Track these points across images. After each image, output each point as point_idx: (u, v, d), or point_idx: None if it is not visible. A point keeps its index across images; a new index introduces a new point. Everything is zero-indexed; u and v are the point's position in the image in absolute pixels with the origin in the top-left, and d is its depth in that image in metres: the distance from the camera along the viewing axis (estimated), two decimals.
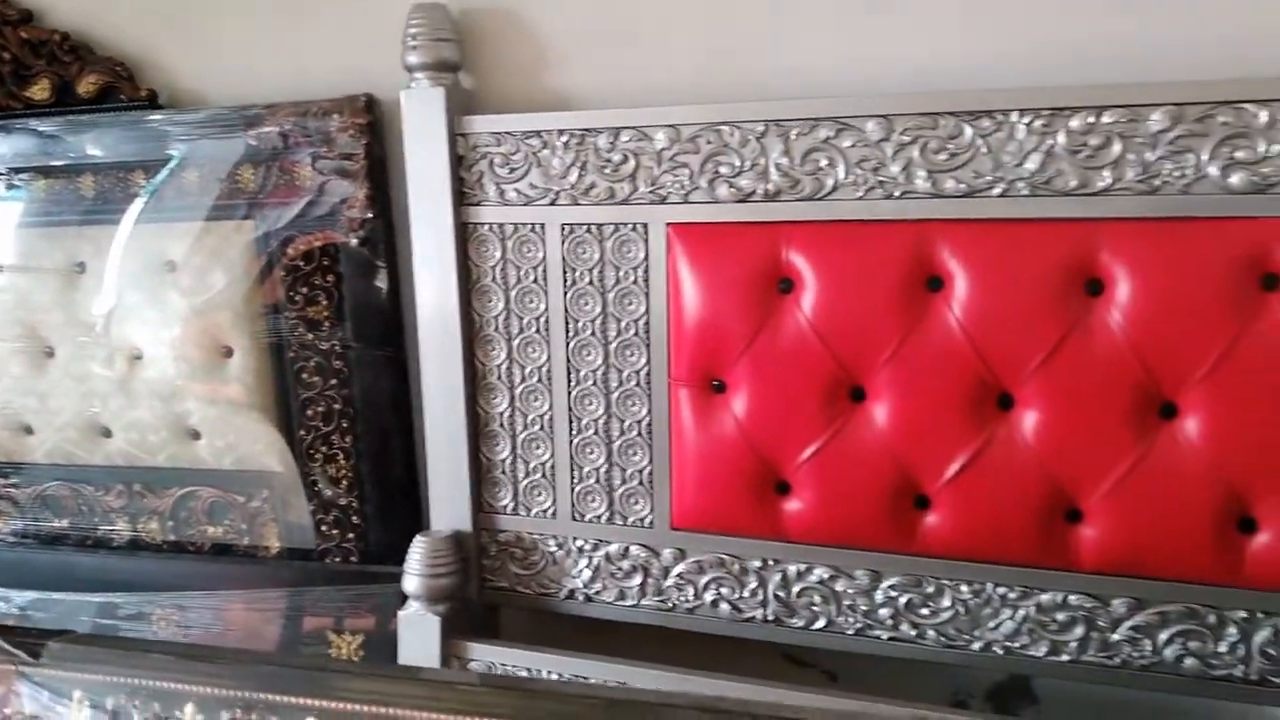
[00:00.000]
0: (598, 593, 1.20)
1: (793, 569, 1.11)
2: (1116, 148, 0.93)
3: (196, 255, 1.30)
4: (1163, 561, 0.98)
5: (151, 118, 1.30)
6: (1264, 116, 0.88)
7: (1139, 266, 0.93)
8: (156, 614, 1.43)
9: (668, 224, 1.08)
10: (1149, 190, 0.93)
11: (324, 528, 1.34)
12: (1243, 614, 0.97)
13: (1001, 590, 1.04)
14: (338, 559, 1.35)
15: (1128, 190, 0.93)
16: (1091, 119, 0.93)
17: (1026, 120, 0.95)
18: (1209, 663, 0.99)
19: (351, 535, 1.34)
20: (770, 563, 1.12)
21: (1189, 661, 0.99)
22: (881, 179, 1.00)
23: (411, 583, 1.20)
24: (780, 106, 1.02)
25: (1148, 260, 0.93)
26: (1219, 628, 0.98)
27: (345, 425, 1.29)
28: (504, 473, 1.21)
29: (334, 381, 1.28)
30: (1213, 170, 0.91)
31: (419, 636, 1.20)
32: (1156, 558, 0.98)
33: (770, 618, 1.13)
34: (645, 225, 1.09)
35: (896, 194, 1.00)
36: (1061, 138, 0.94)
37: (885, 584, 1.08)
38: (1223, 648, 0.98)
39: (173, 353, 1.34)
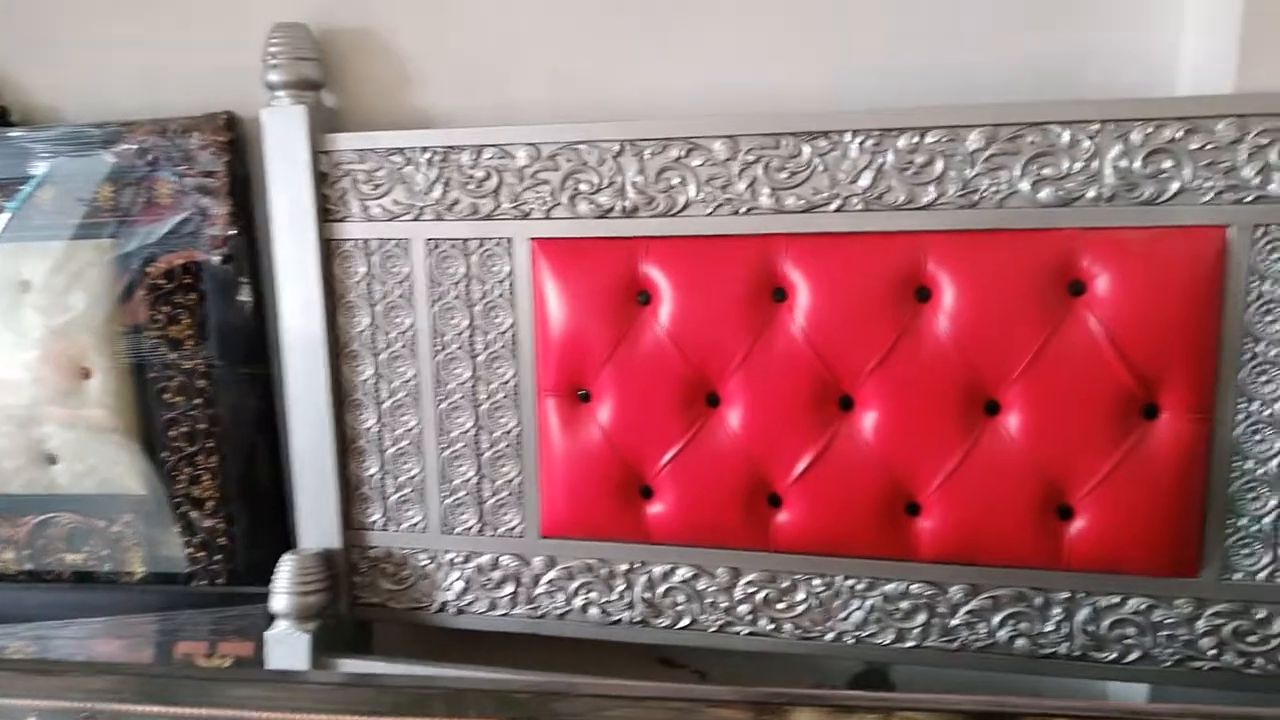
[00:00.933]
0: (470, 604, 1.22)
1: (658, 570, 1.15)
2: (939, 165, 1.00)
3: (56, 275, 1.27)
4: (993, 549, 1.05)
5: (10, 135, 1.27)
6: (1067, 136, 0.97)
7: (962, 275, 1.01)
8: (13, 646, 1.37)
9: (531, 239, 1.12)
10: (969, 204, 1.01)
11: (191, 550, 1.32)
12: (1065, 595, 1.05)
13: (850, 582, 1.10)
14: (206, 582, 1.32)
15: (950, 204, 1.01)
16: (916, 139, 1.01)
17: (859, 140, 1.02)
18: (1038, 642, 1.07)
19: (219, 557, 1.32)
20: (637, 565, 1.16)
21: (1020, 642, 1.07)
22: (729, 196, 1.06)
23: (279, 601, 1.19)
24: (634, 127, 1.07)
25: (969, 269, 1.01)
26: (1045, 609, 1.06)
27: (210, 445, 1.28)
28: (373, 489, 1.22)
29: (198, 401, 1.27)
30: (1024, 185, 0.99)
31: (288, 655, 1.19)
32: (987, 545, 1.05)
33: (638, 619, 1.17)
34: (509, 240, 1.12)
35: (743, 210, 1.06)
36: (890, 156, 1.01)
37: (744, 580, 1.13)
38: (1049, 627, 1.06)
39: (29, 375, 1.31)
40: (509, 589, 1.20)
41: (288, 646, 1.19)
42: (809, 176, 1.04)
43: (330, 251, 1.17)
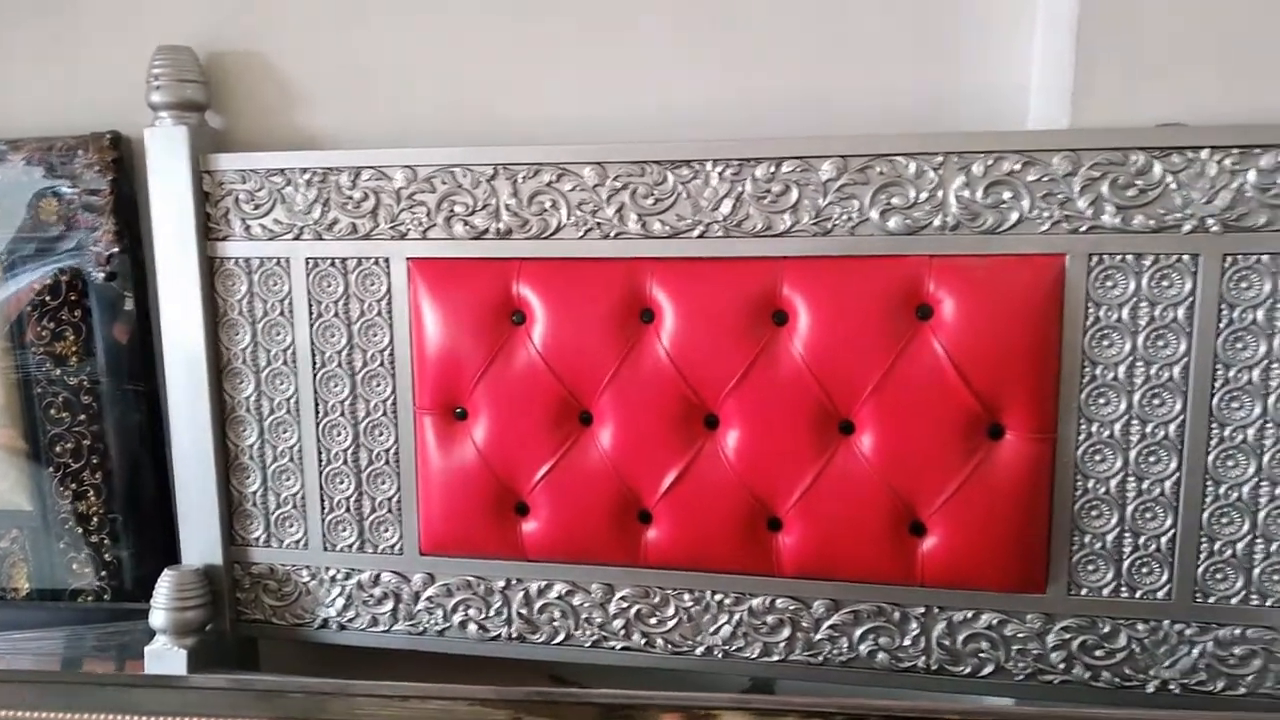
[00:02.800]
0: (351, 620, 1.23)
1: (534, 586, 1.17)
2: (795, 194, 1.04)
3: None
4: (851, 564, 1.08)
5: None
6: (913, 167, 1.01)
7: (816, 299, 1.04)
8: None
9: (408, 259, 1.14)
10: (823, 232, 1.04)
11: (76, 566, 1.32)
12: (921, 610, 1.08)
13: (718, 597, 1.13)
14: (92, 598, 1.32)
15: (805, 231, 1.05)
16: (773, 168, 1.04)
17: (719, 169, 1.05)
18: (897, 656, 1.10)
19: (105, 573, 1.32)
20: (513, 582, 1.17)
21: (881, 656, 1.10)
22: (599, 220, 1.09)
23: (158, 617, 1.20)
24: (507, 151, 1.10)
25: (823, 293, 1.04)
26: (903, 624, 1.09)
27: (96, 461, 1.28)
28: (255, 505, 1.23)
29: (83, 417, 1.27)
30: (874, 214, 1.03)
31: (166, 671, 1.19)
32: (846, 561, 1.08)
33: (515, 635, 1.19)
34: (387, 260, 1.14)
35: (612, 234, 1.09)
36: (749, 185, 1.05)
37: (617, 596, 1.15)
38: (907, 642, 1.09)
39: None
40: (389, 605, 1.21)
41: (165, 662, 1.19)
42: (674, 203, 1.07)
43: (213, 269, 1.19)
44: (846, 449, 1.06)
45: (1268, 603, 1.02)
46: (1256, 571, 1.01)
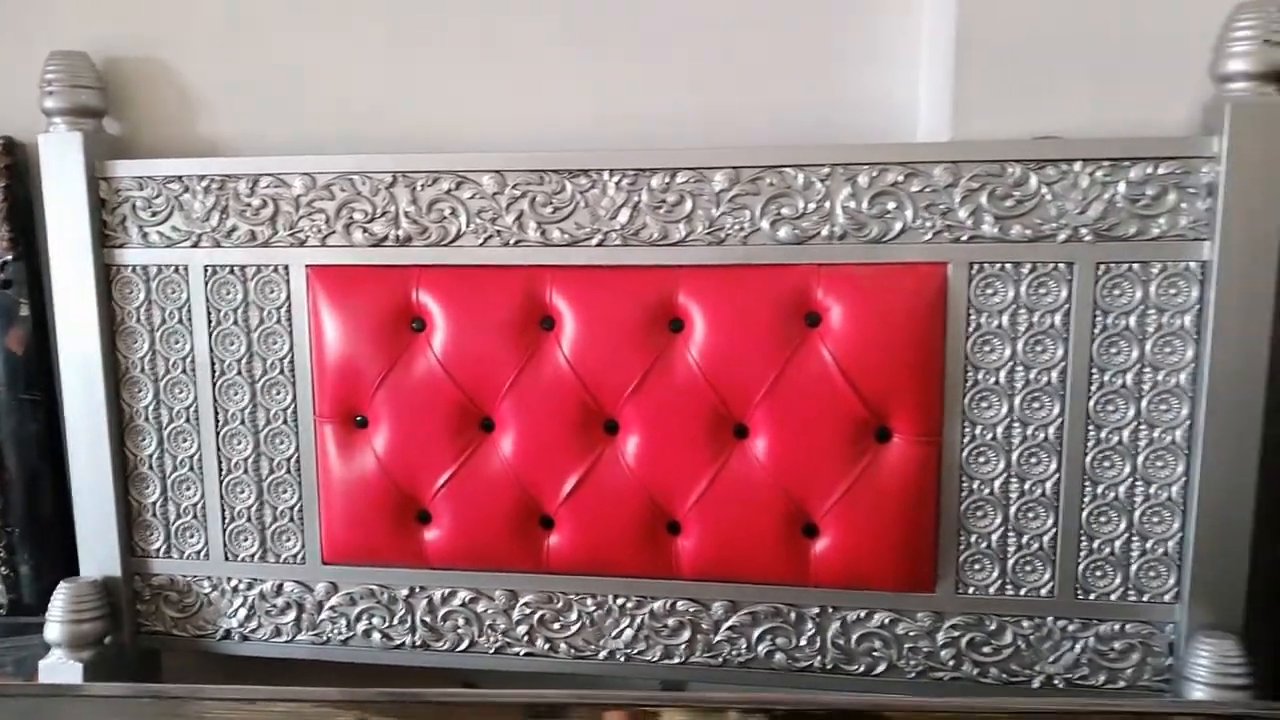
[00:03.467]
0: (254, 631, 1.22)
1: (438, 594, 1.17)
2: (689, 204, 1.06)
3: None
4: (748, 566, 1.10)
5: None
6: (801, 179, 1.04)
7: (710, 307, 1.06)
8: None
9: (307, 266, 1.14)
10: (716, 241, 1.06)
11: None
12: (816, 610, 1.11)
13: (620, 601, 1.14)
14: None
15: (699, 241, 1.07)
16: (668, 179, 1.06)
17: (616, 179, 1.07)
18: (794, 656, 1.12)
19: (3, 587, 1.29)
20: (417, 590, 1.17)
21: (778, 656, 1.12)
22: (499, 228, 1.10)
23: (53, 630, 1.17)
24: (406, 159, 1.10)
25: (716, 301, 1.06)
26: (799, 624, 1.11)
27: None
28: (155, 515, 1.21)
29: None
30: (765, 224, 1.05)
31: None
32: (742, 563, 1.10)
33: (419, 643, 1.18)
34: (286, 267, 1.14)
35: (512, 242, 1.10)
36: (645, 195, 1.07)
37: (521, 602, 1.16)
38: (803, 642, 1.11)
39: None
40: (292, 615, 1.20)
41: (60, 676, 1.17)
42: (572, 212, 1.08)
43: (109, 277, 1.17)
44: (741, 453, 1.08)
45: (1145, 598, 1.05)
46: (1134, 568, 1.05)
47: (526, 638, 1.16)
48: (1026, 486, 1.05)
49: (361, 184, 1.11)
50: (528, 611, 1.16)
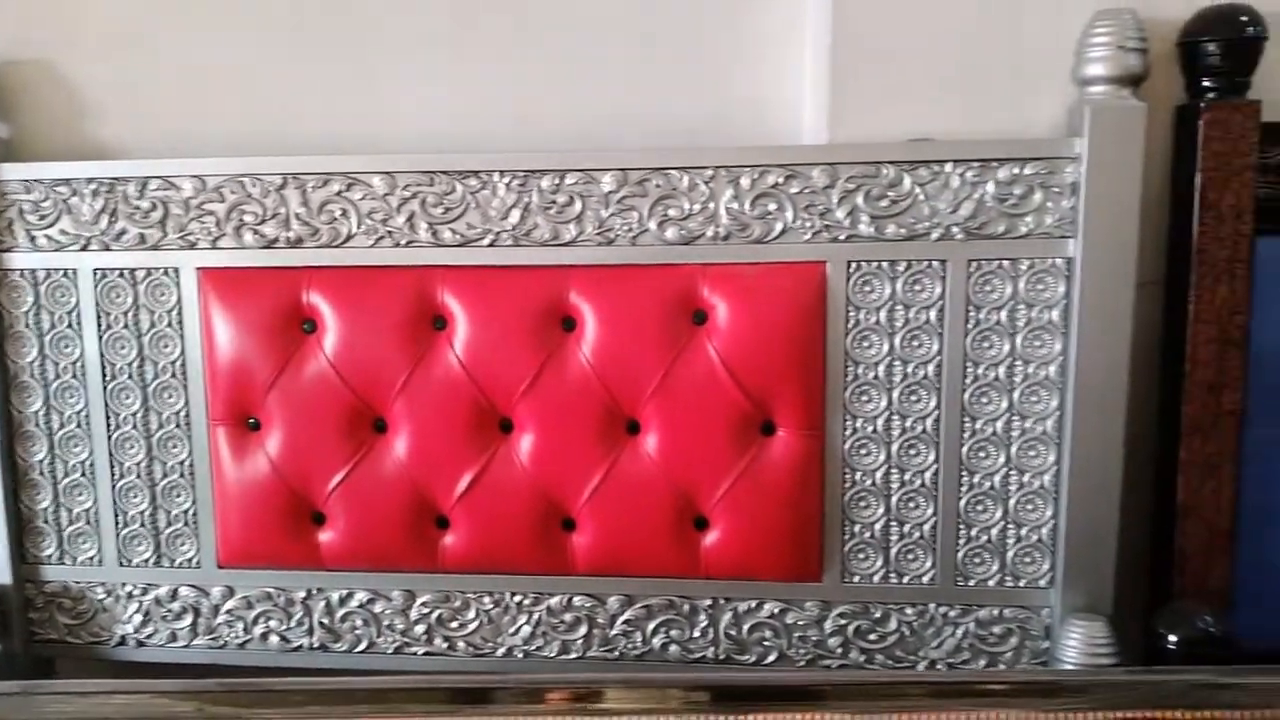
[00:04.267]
0: (150, 636, 1.21)
1: (335, 596, 1.17)
2: (579, 205, 1.08)
3: None
4: (641, 560, 1.12)
5: None
6: (686, 181, 1.06)
7: (601, 306, 1.08)
8: None
9: (198, 268, 1.13)
10: (606, 241, 1.08)
11: None
12: (708, 602, 1.13)
13: (517, 598, 1.15)
14: None
15: (590, 241, 1.08)
16: (558, 180, 1.08)
17: (506, 180, 1.08)
18: (688, 648, 1.14)
19: None
20: (314, 592, 1.17)
21: (673, 648, 1.14)
22: (390, 229, 1.11)
23: None
24: (296, 161, 1.11)
25: (607, 300, 1.08)
26: (692, 616, 1.13)
27: None
28: (46, 522, 1.20)
29: None
30: (652, 225, 1.07)
31: None
32: (636, 557, 1.12)
33: (317, 645, 1.18)
34: (177, 270, 1.14)
35: (403, 243, 1.11)
36: (535, 196, 1.08)
37: (418, 602, 1.16)
38: (697, 633, 1.14)
39: None
40: (188, 620, 1.20)
41: None
42: (463, 213, 1.10)
43: None
44: (633, 449, 1.10)
45: (1021, 583, 1.09)
46: (1010, 555, 1.09)
47: (425, 637, 1.17)
48: (906, 477, 1.09)
49: (252, 186, 1.11)
50: (425, 611, 1.16)
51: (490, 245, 1.10)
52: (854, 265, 1.06)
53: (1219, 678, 0.74)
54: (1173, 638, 1.00)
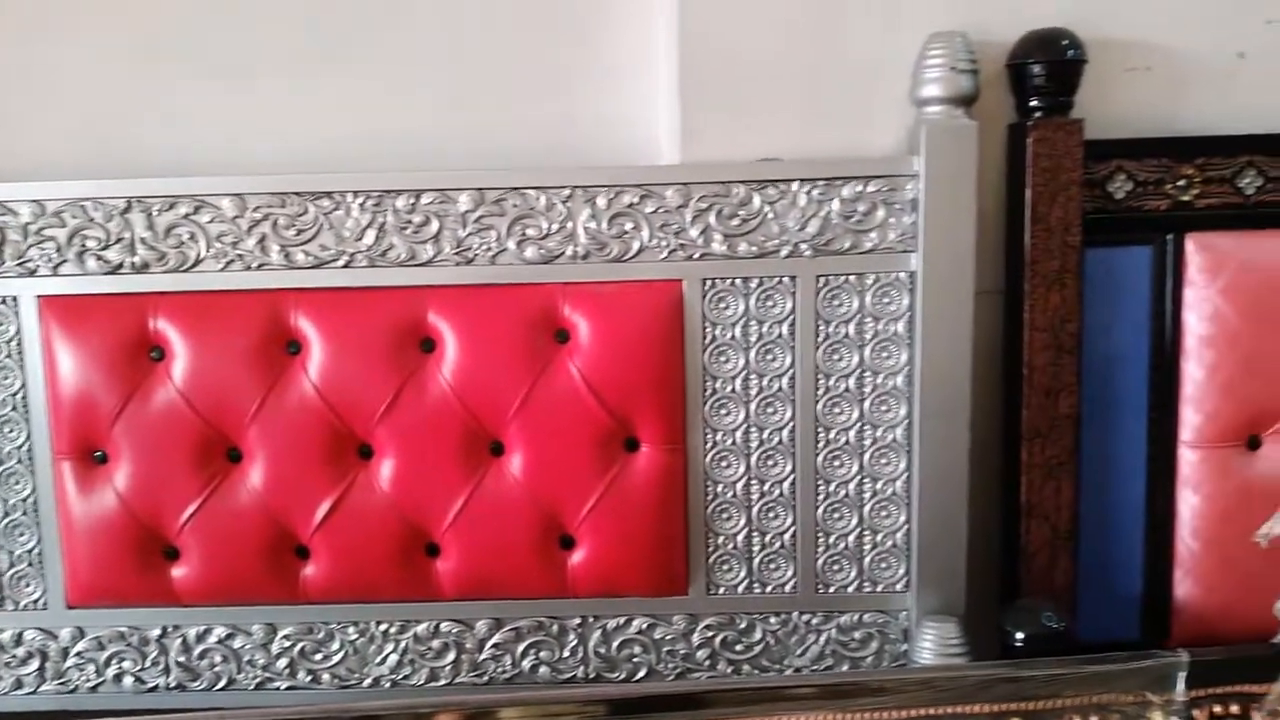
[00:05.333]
0: None
1: (192, 633, 1.13)
2: (435, 225, 1.07)
3: None
4: (508, 582, 1.12)
5: None
6: (543, 200, 1.07)
7: (460, 326, 1.08)
8: None
9: (38, 296, 1.09)
10: (465, 261, 1.08)
11: None
12: (577, 621, 1.13)
13: (383, 627, 1.13)
14: None
15: (448, 261, 1.08)
16: (413, 200, 1.07)
17: (360, 201, 1.07)
18: (558, 669, 1.14)
19: None
20: (170, 629, 1.13)
21: (543, 670, 1.14)
22: (240, 252, 1.08)
23: None
24: (140, 184, 1.07)
25: (467, 321, 1.08)
26: (561, 636, 1.13)
27: None
28: None
29: None
30: (511, 244, 1.08)
31: None
32: (503, 579, 1.11)
33: (174, 685, 1.14)
34: (15, 298, 1.09)
35: (254, 266, 1.08)
36: (390, 216, 1.07)
37: (280, 635, 1.13)
38: (566, 653, 1.13)
39: None
40: (35, 665, 1.14)
41: None
42: (316, 234, 1.08)
43: None
44: (497, 470, 1.09)
45: (879, 588, 1.12)
46: (867, 561, 1.12)
47: (288, 671, 1.14)
48: (766, 487, 1.11)
49: (94, 210, 1.07)
50: (288, 644, 1.13)
51: (345, 267, 1.08)
52: (709, 283, 1.08)
53: (1014, 671, 0.78)
54: (1019, 635, 1.03)
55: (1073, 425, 1.09)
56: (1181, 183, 1.08)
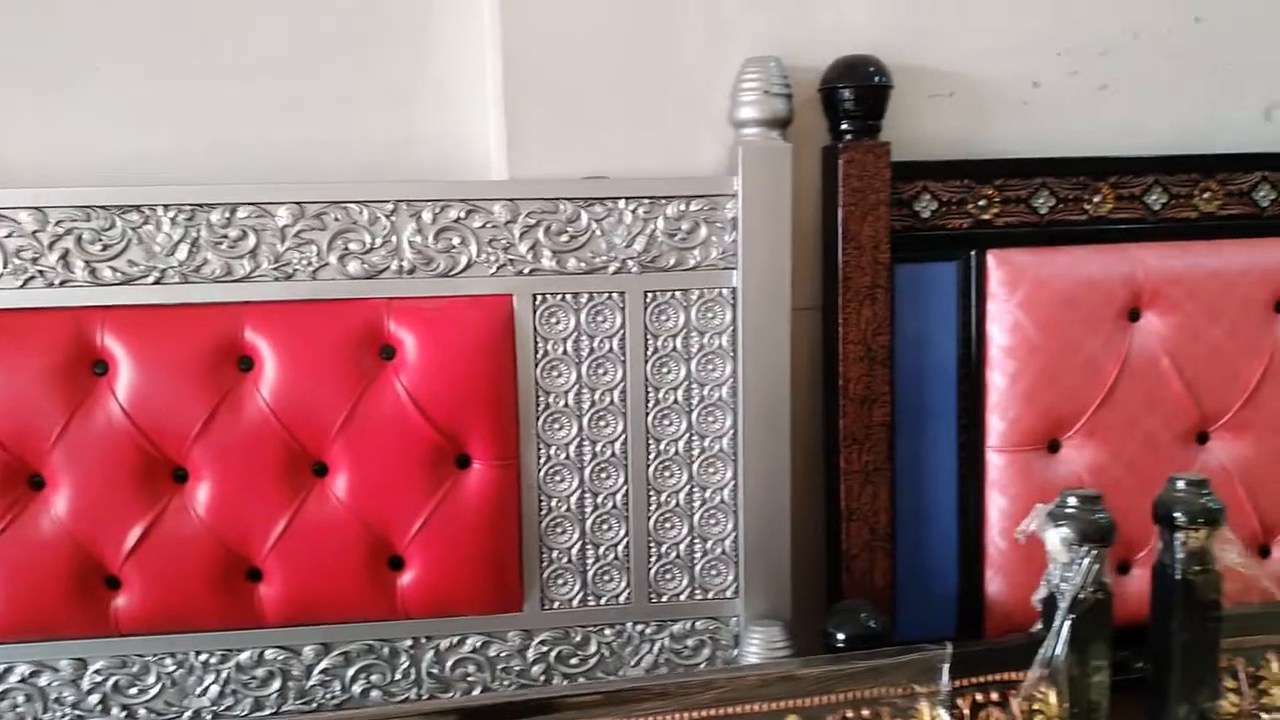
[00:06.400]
0: None
1: None
2: (253, 239, 1.04)
3: None
4: (336, 606, 1.09)
5: None
6: (366, 214, 1.05)
7: (280, 344, 1.05)
8: None
9: None
10: (284, 276, 1.05)
11: None
12: (409, 643, 1.11)
13: (203, 657, 1.09)
14: None
15: (266, 276, 1.05)
16: (228, 214, 1.04)
17: (171, 215, 1.03)
18: (389, 692, 1.11)
19: None
20: None
21: (374, 694, 1.11)
22: (41, 268, 1.02)
23: None
24: None
25: (287, 338, 1.05)
26: (393, 659, 1.11)
27: None
28: None
29: None
30: (333, 259, 1.06)
31: None
32: (330, 603, 1.09)
33: None
34: None
35: (57, 283, 1.03)
36: (204, 231, 1.04)
37: (91, 670, 1.07)
38: (399, 676, 1.11)
39: None
40: None
41: None
42: (125, 249, 1.03)
43: None
44: (320, 491, 1.07)
45: (709, 596, 1.15)
46: (698, 569, 1.15)
47: (100, 707, 1.08)
48: (599, 500, 1.12)
49: None
50: (99, 679, 1.07)
51: (156, 283, 1.04)
52: (539, 298, 1.09)
53: (790, 670, 0.81)
54: (840, 636, 1.07)
55: (887, 432, 1.14)
56: (982, 202, 1.15)
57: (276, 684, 1.10)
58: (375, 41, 1.16)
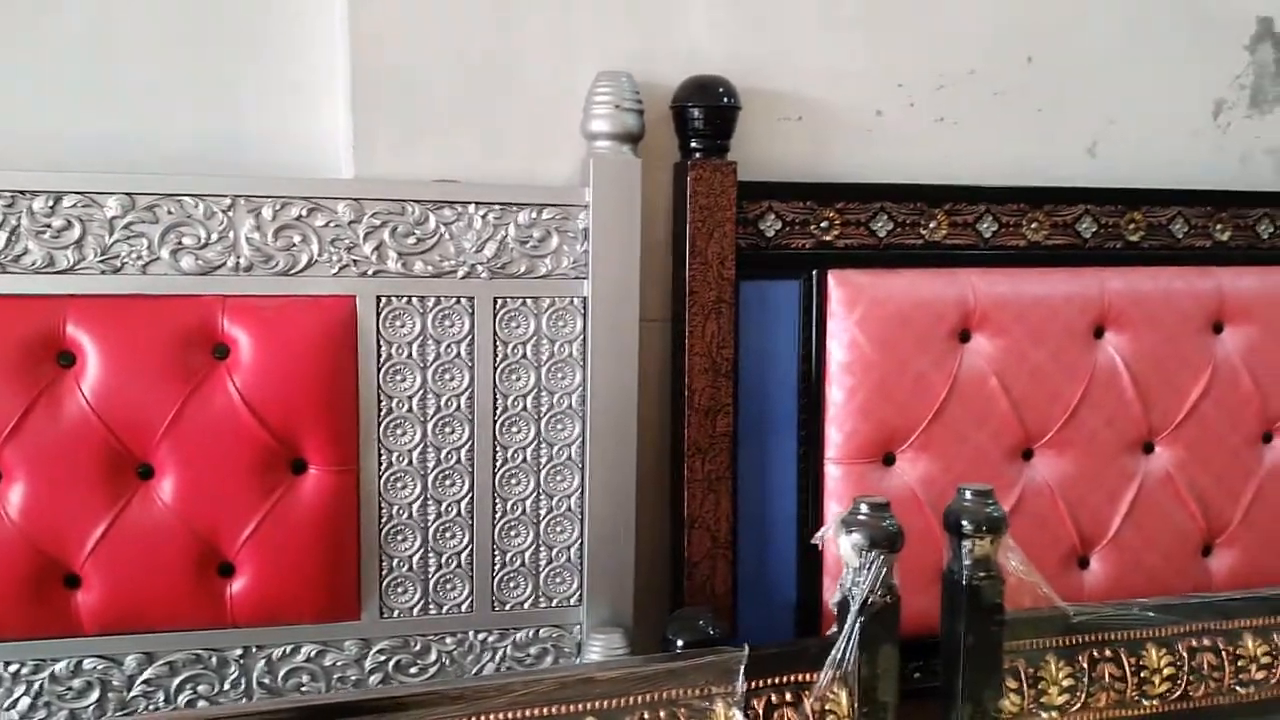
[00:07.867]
0: None
1: None
2: (78, 229, 1.00)
3: None
4: (160, 614, 1.05)
5: None
6: (202, 209, 1.02)
7: (105, 339, 1.00)
8: None
9: None
10: (112, 270, 1.01)
11: None
12: (238, 652, 1.08)
13: (13, 667, 1.03)
14: None
15: (92, 269, 1.00)
16: (52, 202, 0.99)
17: None
18: (217, 702, 1.07)
19: None
20: None
21: (201, 704, 1.07)
22: None
23: None
24: None
25: (113, 333, 1.01)
26: (221, 668, 1.07)
27: None
28: None
29: None
30: (165, 253, 1.02)
31: None
32: (154, 611, 1.04)
33: None
34: None
35: None
36: (26, 219, 0.99)
37: None
38: (227, 686, 1.08)
39: None
40: None
41: None
42: None
43: None
44: (145, 494, 1.03)
45: (554, 603, 1.15)
46: (542, 576, 1.15)
47: None
48: (443, 507, 1.11)
49: None
50: None
51: None
52: (384, 300, 1.07)
53: (587, 672, 0.83)
54: (680, 642, 1.09)
55: (730, 442, 1.17)
56: (825, 224, 1.19)
57: (95, 695, 1.04)
58: (224, 39, 1.13)
